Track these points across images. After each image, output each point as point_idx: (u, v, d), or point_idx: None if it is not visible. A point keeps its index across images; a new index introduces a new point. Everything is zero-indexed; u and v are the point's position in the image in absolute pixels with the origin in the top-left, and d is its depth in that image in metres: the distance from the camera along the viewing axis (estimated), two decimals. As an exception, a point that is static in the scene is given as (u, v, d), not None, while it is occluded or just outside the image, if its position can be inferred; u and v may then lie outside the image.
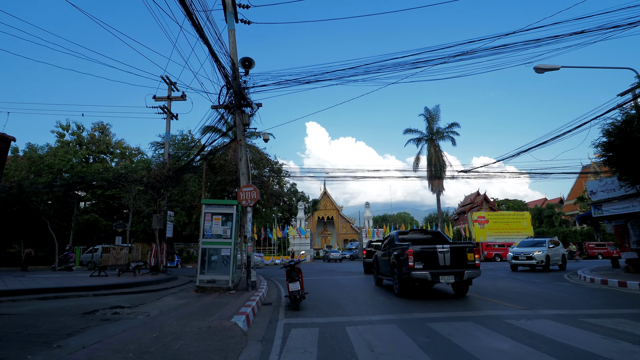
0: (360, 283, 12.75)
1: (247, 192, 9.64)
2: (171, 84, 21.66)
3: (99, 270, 11.34)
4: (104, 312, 5.89)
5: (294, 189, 51.06)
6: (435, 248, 8.14)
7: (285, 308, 7.54)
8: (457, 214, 69.26)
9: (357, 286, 11.69)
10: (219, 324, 5.11)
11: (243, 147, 10.39)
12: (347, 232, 67.74)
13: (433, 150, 42.08)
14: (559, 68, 11.33)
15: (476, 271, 8.16)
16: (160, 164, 21.66)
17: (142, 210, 17.88)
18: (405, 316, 6.29)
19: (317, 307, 7.50)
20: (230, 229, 9.22)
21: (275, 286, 12.12)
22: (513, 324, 5.48)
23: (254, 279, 9.69)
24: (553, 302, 7.83)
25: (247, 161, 10.37)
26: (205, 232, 9.14)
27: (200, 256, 9.03)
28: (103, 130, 46.82)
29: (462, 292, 8.78)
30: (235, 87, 10.01)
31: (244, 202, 9.63)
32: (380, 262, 11.14)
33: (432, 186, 42.49)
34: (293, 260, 8.17)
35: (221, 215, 9.30)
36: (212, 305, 6.91)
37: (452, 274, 7.97)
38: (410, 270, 7.99)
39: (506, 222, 41.71)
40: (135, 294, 8.41)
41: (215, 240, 9.15)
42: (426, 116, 42.85)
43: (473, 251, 8.27)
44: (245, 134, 15.42)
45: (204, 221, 9.15)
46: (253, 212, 20.51)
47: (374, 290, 10.52)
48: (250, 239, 9.51)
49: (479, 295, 8.88)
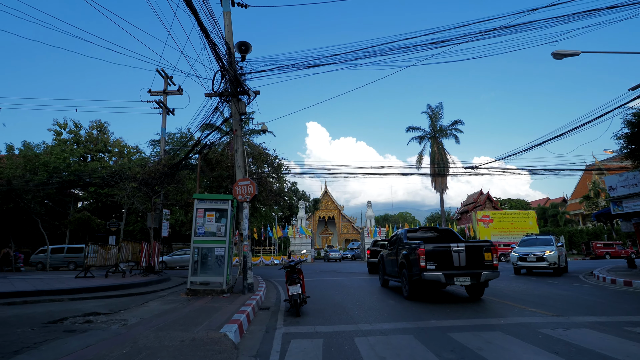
0: (364, 284, 11.96)
1: (243, 186, 8.86)
2: (167, 77, 20.87)
3: (85, 271, 10.57)
4: (74, 320, 5.11)
5: (295, 188, 50.23)
6: (450, 247, 7.47)
7: (284, 314, 6.76)
8: (459, 213, 68.40)
9: (362, 288, 10.90)
10: (206, 335, 4.33)
11: (239, 138, 9.61)
12: (349, 231, 66.95)
13: (436, 148, 41.32)
14: (579, 53, 10.51)
15: (494, 272, 7.51)
16: (156, 160, 20.93)
17: (137, 209, 17.11)
18: (421, 324, 5.49)
19: (320, 313, 6.71)
20: (224, 226, 8.43)
21: (274, 288, 11.34)
22: (550, 335, 4.68)
23: (250, 280, 8.90)
24: (583, 306, 7.04)
25: (243, 153, 9.59)
26: (198, 230, 8.35)
27: (192, 256, 8.24)
28: (101, 129, 46.11)
29: (477, 295, 8.08)
30: (231, 72, 9.23)
31: (240, 197, 8.84)
32: (386, 262, 10.51)
33: (435, 185, 41.71)
34: (293, 260, 7.39)
35: (215, 211, 8.51)
36: (201, 312, 6.13)
37: (467, 276, 7.29)
38: (422, 271, 7.32)
39: (511, 221, 40.87)
40: (118, 298, 7.64)
41: (208, 239, 8.36)
42: (429, 113, 42.06)
43: (490, 250, 7.58)
44: (243, 127, 14.70)
45: (195, 217, 8.37)
46: (252, 210, 19.74)
47: (381, 292, 9.73)
48: (246, 237, 8.72)
49: (497, 299, 8.08)
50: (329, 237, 66.57)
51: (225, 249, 8.28)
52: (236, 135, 9.61)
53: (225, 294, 8.06)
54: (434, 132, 41.38)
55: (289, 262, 7.24)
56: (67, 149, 37.66)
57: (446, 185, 41.66)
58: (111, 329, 4.59)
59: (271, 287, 11.75)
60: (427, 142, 41.62)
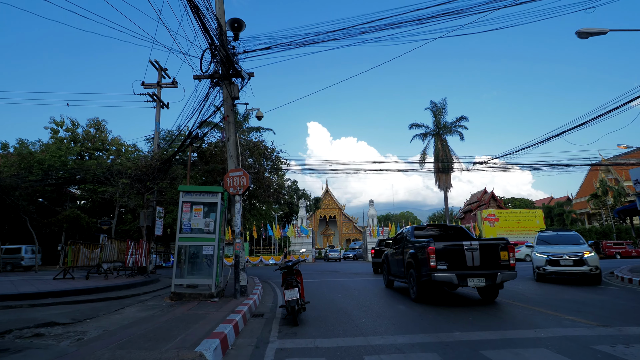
0: (369, 286, 11.02)
1: (235, 178, 7.92)
2: (161, 69, 19.95)
3: (64, 272, 9.66)
4: (20, 334, 4.18)
5: (295, 187, 49.36)
6: (462, 245, 6.86)
7: (280, 322, 5.83)
8: (463, 212, 67.40)
9: (367, 290, 9.96)
10: (176, 356, 3.38)
11: (232, 125, 8.66)
12: (350, 231, 65.99)
13: (440, 146, 40.41)
14: (607, 32, 9.55)
15: (511, 273, 6.86)
16: (148, 155, 19.98)
17: (128, 206, 16.21)
18: (444, 337, 4.54)
19: (322, 321, 5.77)
20: (213, 222, 7.48)
21: (271, 290, 10.41)
22: (613, 355, 3.72)
23: (243, 282, 7.96)
24: (628, 314, 6.07)
25: (236, 141, 8.65)
26: (183, 226, 7.41)
27: (177, 255, 7.30)
28: (99, 127, 45.30)
29: (491, 297, 7.46)
30: (223, 52, 8.28)
31: (232, 189, 7.89)
32: (391, 261, 9.86)
33: (439, 182, 40.77)
34: (290, 261, 6.45)
35: (203, 205, 7.57)
36: (181, 321, 5.19)
37: (482, 276, 6.70)
38: (432, 272, 6.73)
39: (517, 220, 39.83)
40: (92, 303, 6.71)
41: (195, 236, 7.42)
42: (433, 110, 41.15)
43: (507, 249, 6.92)
44: (237, 113, 13.62)
45: (181, 212, 7.43)
46: (249, 207, 18.81)
47: (387, 295, 8.78)
48: (238, 234, 7.77)
49: (522, 303, 7.12)
50: (330, 237, 65.60)
51: (215, 247, 7.34)
52: (228, 121, 8.67)
53: (214, 299, 7.11)
54: (438, 129, 40.47)
55: (285, 263, 6.31)
56: (64, 147, 36.90)
57: (450, 183, 40.74)
58: (59, 346, 3.65)
59: (268, 289, 10.82)
60: (431, 140, 40.75)
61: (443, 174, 40.20)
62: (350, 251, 43.58)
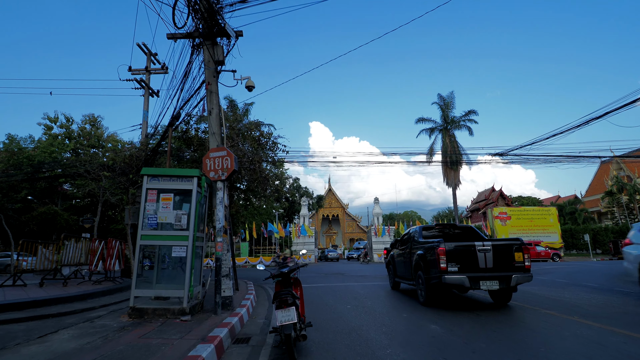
0: (382, 293, 9.27)
1: (217, 159, 6.19)
2: (150, 54, 18.25)
3: (14, 278, 7.95)
4: None
5: (297, 184, 47.64)
6: (474, 245, 6.51)
7: (271, 353, 4.12)
8: (470, 211, 65.58)
9: (381, 299, 8.22)
10: None
11: (214, 95, 6.94)
12: (354, 230, 64.25)
13: (448, 141, 38.66)
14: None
15: (526, 275, 6.47)
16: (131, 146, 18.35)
17: (109, 202, 14.55)
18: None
19: (330, 351, 4.06)
20: (187, 215, 5.75)
21: (267, 299, 8.68)
22: None
23: (227, 292, 6.23)
24: None
25: (219, 116, 6.92)
26: (147, 220, 5.68)
27: (136, 259, 5.57)
28: (94, 123, 43.86)
29: (504, 300, 7.13)
30: (203, 1, 6.56)
31: (213, 173, 6.16)
32: (397, 263, 9.42)
33: (447, 179, 39.02)
34: (287, 266, 4.71)
35: (173, 194, 5.84)
36: (121, 358, 3.46)
37: (495, 279, 6.35)
38: (442, 274, 6.42)
39: (530, 218, 37.89)
40: (24, 323, 5.00)
41: (162, 234, 5.70)
42: (440, 104, 39.41)
43: (522, 250, 6.59)
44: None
45: (145, 202, 5.70)
46: (244, 201, 17.03)
47: (408, 306, 7.02)
48: (221, 230, 6.02)
49: (586, 320, 5.35)
50: (333, 237, 63.88)
51: (188, 248, 5.60)
52: (209, 90, 6.94)
53: (185, 316, 5.36)
54: (446, 124, 38.73)
55: (279, 269, 4.59)
56: (55, 143, 35.44)
57: (459, 180, 38.96)
58: None
59: (263, 296, 9.10)
60: (438, 135, 39.01)
61: (452, 170, 38.47)
62: (355, 251, 41.78)
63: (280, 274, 4.55)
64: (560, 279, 12.39)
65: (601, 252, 38.27)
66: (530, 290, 9.31)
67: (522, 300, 7.63)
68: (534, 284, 10.58)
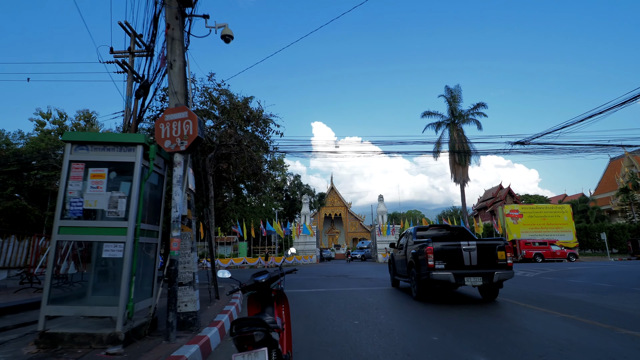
0: (394, 301, 7.55)
1: (174, 123, 4.47)
2: (134, 35, 16.56)
3: None
4: None
5: (299, 182, 45.92)
6: (460, 245, 7.04)
7: None
8: (476, 209, 63.62)
9: (395, 310, 6.48)
10: None
11: (177, 44, 5.23)
12: (357, 230, 62.42)
13: (456, 135, 36.90)
14: None
15: (508, 272, 7.00)
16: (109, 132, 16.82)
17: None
18: None
19: None
20: (126, 198, 4.04)
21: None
22: None
23: (190, 307, 4.52)
24: None
25: (183, 70, 5.22)
26: (70, 206, 3.98)
27: (51, 262, 3.86)
28: (89, 119, 42.48)
29: (492, 296, 7.52)
30: None
31: (168, 142, 4.45)
32: (397, 261, 9.74)
33: (455, 175, 37.26)
34: (264, 273, 2.98)
35: (107, 169, 4.13)
36: None
37: (479, 275, 6.87)
38: (430, 271, 6.94)
39: (543, 216, 35.98)
40: None
41: (89, 225, 4.00)
42: (447, 97, 37.67)
43: (504, 249, 7.10)
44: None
45: (66, 180, 4.00)
46: (230, 191, 15.26)
47: (433, 321, 5.28)
48: (178, 220, 4.29)
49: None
50: (336, 236, 62.10)
51: (127, 245, 3.88)
52: (171, 36, 5.23)
53: (114, 347, 3.62)
54: (453, 117, 36.99)
55: (253, 278, 2.91)
56: (46, 139, 34.05)
57: (467, 177, 37.16)
58: None
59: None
60: (445, 130, 37.28)
61: (460, 166, 36.70)
62: (358, 251, 40.01)
63: (255, 284, 2.86)
64: (600, 282, 10.63)
65: (617, 251, 36.32)
66: (580, 299, 7.55)
67: (581, 312, 5.88)
68: (578, 291, 8.84)
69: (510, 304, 7.05)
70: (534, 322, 5.30)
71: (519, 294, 8.46)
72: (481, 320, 5.48)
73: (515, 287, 9.80)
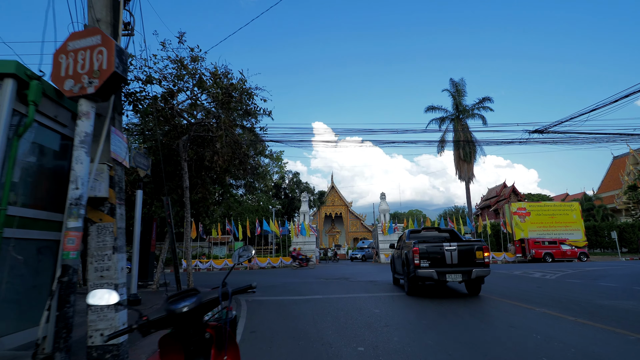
0: (411, 315, 5.96)
1: (80, 52, 2.89)
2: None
3: None
4: None
5: (297, 180, 44.36)
6: (442, 246, 7.81)
7: None
8: (479, 208, 62.07)
9: (413, 326, 4.89)
10: None
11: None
12: (358, 229, 60.82)
13: (461, 130, 35.38)
14: None
15: (485, 269, 7.65)
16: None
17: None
18: None
19: None
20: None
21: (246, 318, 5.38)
22: None
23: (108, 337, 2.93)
24: None
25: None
26: None
27: None
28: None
29: (475, 291, 8.11)
30: None
31: (70, 82, 2.86)
32: (395, 261, 10.27)
33: (460, 172, 35.72)
34: (193, 295, 1.34)
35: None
36: None
37: (459, 273, 7.60)
38: (416, 269, 7.69)
39: (551, 214, 34.40)
40: None
41: None
42: (451, 91, 36.19)
43: (482, 249, 7.77)
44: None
45: None
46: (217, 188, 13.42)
47: (471, 349, 3.71)
48: (80, 203, 2.71)
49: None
50: (336, 236, 60.50)
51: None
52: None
53: None
54: (458, 112, 35.45)
55: (167, 304, 1.28)
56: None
57: (473, 173, 35.64)
58: None
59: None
60: (449, 124, 35.74)
61: (465, 162, 35.20)
62: (359, 251, 38.38)
63: (169, 316, 1.27)
64: (632, 285, 9.11)
65: (627, 250, 34.78)
66: (630, 308, 5.97)
67: None
68: (619, 298, 7.27)
69: (554, 316, 5.46)
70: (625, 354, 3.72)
71: (555, 302, 6.89)
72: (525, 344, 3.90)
73: (545, 292, 8.29)
